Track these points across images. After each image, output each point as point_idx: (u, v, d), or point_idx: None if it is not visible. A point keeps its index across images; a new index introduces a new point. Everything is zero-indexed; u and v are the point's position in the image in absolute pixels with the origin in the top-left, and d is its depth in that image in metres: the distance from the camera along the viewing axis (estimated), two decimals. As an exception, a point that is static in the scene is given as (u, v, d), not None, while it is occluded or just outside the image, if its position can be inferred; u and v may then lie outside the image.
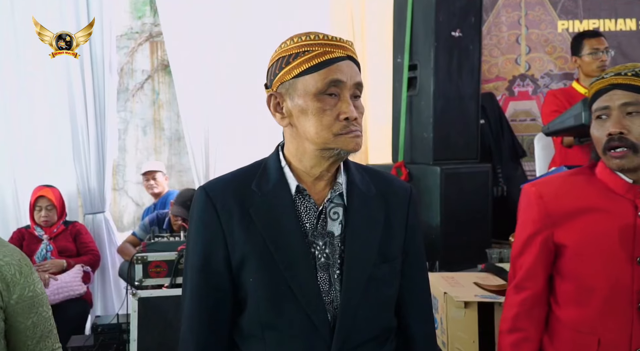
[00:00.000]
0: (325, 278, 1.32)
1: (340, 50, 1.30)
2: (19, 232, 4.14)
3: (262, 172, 1.38)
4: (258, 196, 1.34)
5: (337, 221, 1.35)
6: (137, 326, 2.86)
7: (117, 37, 5.13)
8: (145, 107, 6.25)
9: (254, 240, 1.31)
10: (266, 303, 1.31)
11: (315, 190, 1.36)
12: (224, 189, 1.36)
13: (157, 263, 3.06)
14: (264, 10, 4.69)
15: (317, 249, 1.33)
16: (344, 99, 1.28)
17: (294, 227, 1.32)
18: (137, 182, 6.07)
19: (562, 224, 1.60)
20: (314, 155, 1.32)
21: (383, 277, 1.36)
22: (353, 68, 1.31)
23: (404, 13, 4.08)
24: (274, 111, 1.36)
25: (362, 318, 1.33)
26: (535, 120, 4.87)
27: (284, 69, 1.31)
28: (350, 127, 1.28)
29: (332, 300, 1.32)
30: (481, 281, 2.54)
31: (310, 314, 1.29)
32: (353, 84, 1.30)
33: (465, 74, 4.05)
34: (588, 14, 4.78)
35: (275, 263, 1.30)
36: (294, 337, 1.30)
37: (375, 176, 1.45)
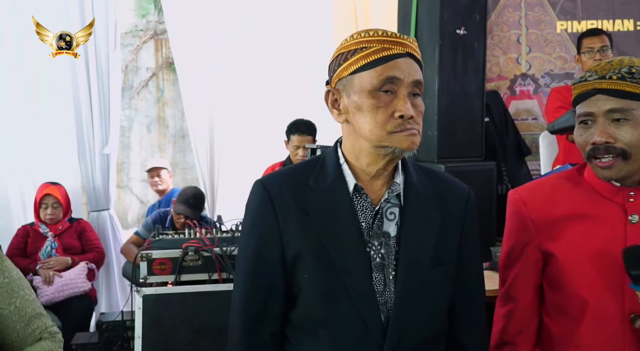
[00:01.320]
0: (380, 279, 1.31)
1: (399, 47, 1.27)
2: (23, 229, 4.15)
3: (320, 168, 1.36)
4: (315, 192, 1.32)
5: (393, 221, 1.34)
6: (142, 324, 2.86)
7: (122, 35, 5.14)
8: (149, 105, 6.26)
9: (310, 237, 1.30)
10: (320, 301, 1.30)
11: (372, 189, 1.34)
12: (282, 183, 1.35)
13: (162, 260, 3.06)
14: (268, 9, 4.68)
15: (372, 249, 1.31)
16: (400, 97, 1.26)
17: (350, 226, 1.30)
18: (141, 179, 6.08)
19: (549, 232, 1.50)
20: (370, 153, 1.31)
21: (437, 280, 1.34)
22: (412, 65, 1.28)
23: (409, 11, 4.07)
24: (332, 107, 1.35)
25: (414, 320, 1.31)
26: (537, 119, 4.88)
27: (342, 65, 1.30)
28: (405, 126, 1.26)
29: (386, 301, 1.30)
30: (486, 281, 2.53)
31: (364, 314, 1.28)
32: (411, 82, 1.27)
33: (470, 72, 4.04)
34: (586, 14, 4.80)
35: (330, 261, 1.29)
36: (346, 336, 1.29)
37: (433, 176, 1.43)
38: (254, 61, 4.63)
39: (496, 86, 4.82)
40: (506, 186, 4.55)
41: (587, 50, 3.60)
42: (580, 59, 3.68)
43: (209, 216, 4.44)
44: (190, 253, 3.04)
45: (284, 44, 4.67)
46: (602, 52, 3.58)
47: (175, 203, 4.14)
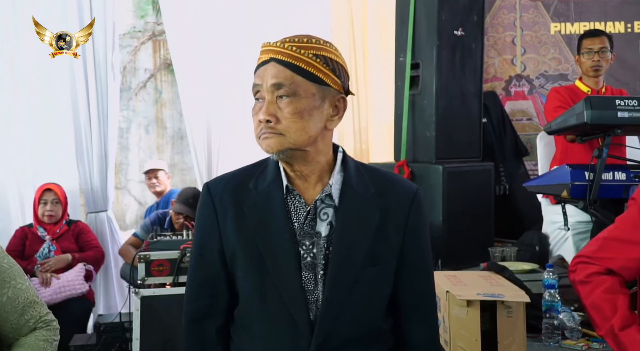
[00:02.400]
0: (310, 278, 1.35)
1: (265, 55, 1.36)
2: (22, 231, 4.14)
3: (261, 171, 1.42)
4: (253, 194, 1.39)
5: (325, 221, 1.37)
6: (140, 325, 2.86)
7: (120, 36, 5.13)
8: (147, 106, 6.25)
9: (245, 238, 1.36)
10: (253, 298, 1.36)
11: (305, 189, 1.38)
12: (225, 186, 1.42)
13: (160, 261, 3.06)
14: (266, 9, 4.69)
15: (303, 248, 1.36)
16: (264, 103, 1.32)
17: (282, 226, 1.35)
18: (139, 181, 6.07)
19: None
20: None
21: (370, 279, 1.36)
22: (271, 70, 1.32)
23: (407, 11, 4.07)
24: None
25: (344, 318, 1.34)
26: (531, 119, 4.95)
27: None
28: (263, 130, 1.31)
29: (316, 299, 1.34)
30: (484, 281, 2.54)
31: (293, 311, 1.33)
32: (270, 86, 1.31)
33: (467, 72, 4.05)
34: (579, 16, 4.88)
35: (262, 260, 1.34)
36: (277, 333, 1.35)
37: (377, 176, 1.43)
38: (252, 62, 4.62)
39: (491, 87, 4.86)
40: (504, 186, 4.56)
41: (587, 51, 3.61)
42: (579, 60, 3.69)
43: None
44: (188, 254, 3.04)
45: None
46: (601, 53, 3.59)
47: (175, 203, 4.14)
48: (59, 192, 4.10)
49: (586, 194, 2.81)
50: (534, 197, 3.93)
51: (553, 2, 4.90)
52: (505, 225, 4.31)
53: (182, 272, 3.03)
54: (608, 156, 2.82)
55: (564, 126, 3.01)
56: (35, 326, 1.68)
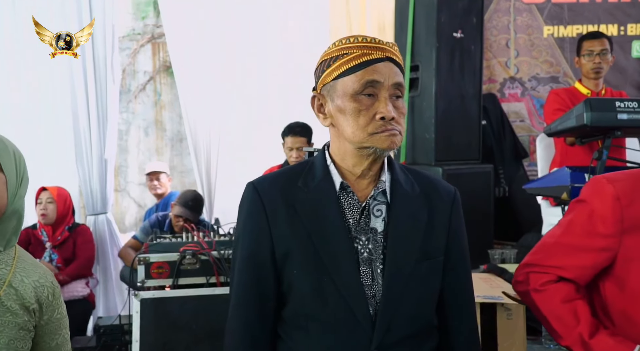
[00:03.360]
0: (368, 273, 1.36)
1: (379, 52, 1.33)
2: (26, 233, 4.10)
3: (308, 170, 1.43)
4: (304, 192, 1.39)
5: (380, 217, 1.39)
6: (140, 327, 2.86)
7: (119, 39, 5.13)
8: (147, 108, 6.25)
9: (299, 234, 1.36)
10: (310, 295, 1.35)
11: (359, 188, 1.40)
12: (272, 184, 1.41)
13: (160, 263, 3.06)
14: (265, 12, 4.69)
15: (360, 244, 1.36)
16: (381, 99, 1.32)
17: (337, 222, 1.36)
18: (139, 183, 6.07)
19: (635, 234, 1.44)
20: (354, 154, 1.37)
21: (424, 274, 1.39)
22: (392, 69, 1.34)
23: (406, 14, 4.08)
24: (317, 111, 1.42)
25: (402, 313, 1.35)
26: (524, 121, 5.00)
27: (326, 71, 1.37)
28: (386, 126, 1.31)
29: (375, 294, 1.35)
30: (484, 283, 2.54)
31: (353, 307, 1.33)
32: (391, 84, 1.33)
33: (467, 74, 4.06)
34: (573, 20, 4.93)
35: (319, 257, 1.34)
36: (336, 328, 1.34)
37: (419, 176, 1.48)
38: (251, 64, 4.63)
39: (487, 89, 4.89)
40: (503, 188, 4.57)
41: (587, 53, 3.61)
42: (579, 62, 3.69)
43: (206, 219, 4.43)
44: (188, 257, 3.03)
45: (281, 48, 4.67)
46: (602, 55, 3.59)
47: (175, 206, 4.13)
48: (54, 192, 4.08)
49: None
50: (534, 199, 3.93)
51: (547, 5, 4.94)
52: (505, 227, 4.32)
53: (182, 274, 3.03)
54: (608, 158, 2.82)
55: (564, 128, 3.01)
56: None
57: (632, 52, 4.86)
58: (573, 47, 4.79)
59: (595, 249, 1.48)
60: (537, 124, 4.98)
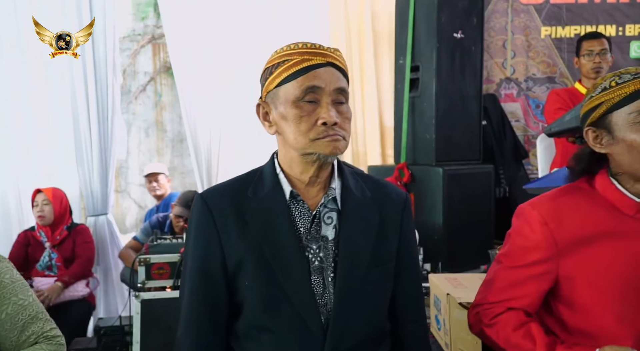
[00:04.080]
0: (319, 281, 1.35)
1: (320, 57, 1.33)
2: (24, 235, 4.11)
3: (258, 179, 1.42)
4: (254, 201, 1.37)
5: (330, 225, 1.38)
6: (140, 328, 2.86)
7: (120, 39, 5.13)
8: (147, 109, 6.25)
9: (250, 244, 1.34)
10: (262, 306, 1.34)
11: (309, 195, 1.39)
12: (221, 195, 1.40)
13: (160, 264, 3.06)
14: (265, 13, 4.69)
15: (311, 253, 1.36)
16: (323, 105, 1.31)
17: (288, 231, 1.35)
18: (139, 184, 6.07)
19: (570, 253, 1.45)
20: (299, 161, 1.36)
21: (376, 280, 1.39)
22: (334, 74, 1.33)
23: (406, 14, 4.08)
24: (263, 119, 1.42)
25: (355, 320, 1.35)
26: (519, 121, 5.01)
27: (268, 79, 1.37)
28: (328, 132, 1.30)
29: (326, 303, 1.34)
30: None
31: (304, 316, 1.32)
32: (333, 90, 1.32)
33: (467, 75, 4.06)
34: (571, 20, 4.94)
35: (270, 267, 1.33)
36: (289, 339, 1.33)
37: (370, 181, 1.47)
38: (251, 65, 4.63)
39: (484, 90, 4.91)
40: (504, 188, 4.57)
41: (587, 53, 3.62)
42: (579, 62, 3.70)
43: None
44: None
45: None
46: (601, 55, 3.60)
47: (175, 207, 4.13)
48: (49, 194, 4.08)
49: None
50: (534, 199, 3.93)
51: (545, 6, 4.94)
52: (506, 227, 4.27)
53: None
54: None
55: (564, 128, 3.00)
56: (36, 341, 1.64)
57: (631, 53, 4.87)
58: (570, 47, 4.81)
59: (535, 275, 1.49)
60: (532, 124, 4.99)
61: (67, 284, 3.91)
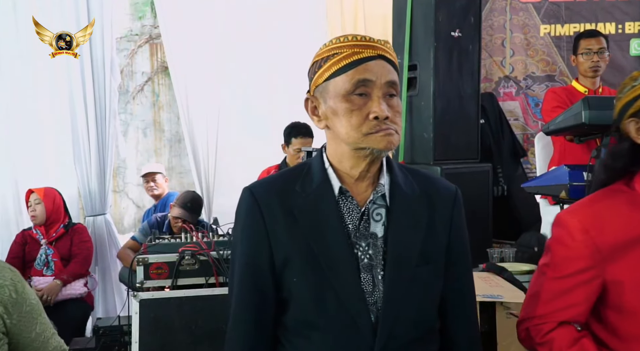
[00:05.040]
0: (368, 279, 1.33)
1: (370, 50, 1.30)
2: (22, 235, 4.12)
3: (306, 173, 1.39)
4: (302, 197, 1.35)
5: (379, 222, 1.36)
6: (139, 328, 2.85)
7: (117, 39, 5.13)
8: (145, 109, 6.25)
9: (298, 240, 1.32)
10: (310, 303, 1.32)
11: (357, 191, 1.37)
12: (269, 189, 1.37)
13: (158, 264, 3.05)
14: (262, 12, 4.69)
15: (360, 250, 1.33)
16: (374, 98, 1.29)
17: (337, 228, 1.33)
18: (137, 184, 6.07)
19: (615, 258, 1.42)
20: (350, 156, 1.34)
21: (425, 278, 1.36)
22: (385, 67, 1.31)
23: (404, 13, 4.08)
24: (312, 114, 1.39)
25: (404, 318, 1.33)
26: (518, 119, 5.01)
27: (317, 73, 1.34)
28: (380, 126, 1.28)
29: (376, 301, 1.32)
30: (483, 282, 2.54)
31: (353, 315, 1.30)
32: (384, 83, 1.30)
33: (465, 74, 4.05)
34: (570, 18, 4.94)
35: (318, 264, 1.31)
36: (337, 337, 1.31)
37: (419, 176, 1.44)
38: (248, 65, 4.63)
39: (482, 88, 4.91)
40: (502, 187, 4.57)
41: (585, 52, 3.61)
42: (576, 60, 3.69)
43: (205, 220, 4.43)
44: (187, 257, 3.03)
45: (279, 48, 4.67)
46: (599, 54, 3.59)
47: (173, 207, 4.13)
48: (40, 193, 4.09)
49: (584, 195, 2.80)
50: (533, 198, 3.93)
51: (544, 4, 4.94)
52: (504, 226, 4.32)
53: (181, 275, 3.02)
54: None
55: (562, 127, 3.01)
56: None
57: (630, 50, 4.86)
58: (570, 45, 4.78)
59: (581, 283, 1.46)
60: (531, 123, 4.99)
61: (65, 282, 3.91)
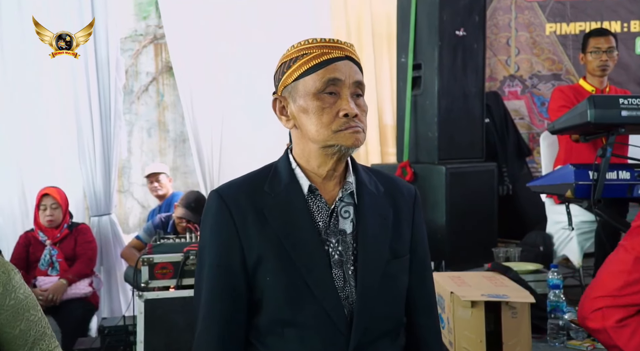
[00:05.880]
0: (339, 275, 1.36)
1: (338, 51, 1.35)
2: (25, 237, 4.11)
3: (273, 174, 1.42)
4: (271, 197, 1.37)
5: (348, 219, 1.39)
6: (144, 328, 2.86)
7: (122, 40, 5.13)
8: (150, 109, 6.25)
9: (270, 240, 1.34)
10: (284, 301, 1.34)
11: (325, 190, 1.40)
12: (237, 191, 1.39)
13: (163, 264, 3.06)
14: (266, 11, 4.69)
15: (330, 246, 1.37)
16: (343, 97, 1.33)
17: (307, 225, 1.36)
18: (142, 184, 6.07)
19: None
20: (318, 154, 1.37)
21: (394, 273, 1.40)
22: (352, 67, 1.36)
23: (408, 12, 4.07)
24: (280, 114, 1.42)
25: (377, 313, 1.36)
26: (524, 119, 5.02)
27: (286, 73, 1.38)
28: (349, 124, 1.32)
29: (347, 296, 1.35)
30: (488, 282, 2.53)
31: (328, 310, 1.33)
32: (352, 83, 1.34)
33: (469, 72, 4.05)
34: (575, 17, 4.93)
35: (291, 261, 1.33)
36: (313, 333, 1.33)
37: (380, 176, 1.49)
38: (252, 64, 4.63)
39: (487, 87, 4.91)
40: (507, 186, 4.56)
41: (594, 51, 3.59)
42: (585, 58, 3.67)
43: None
44: (192, 257, 3.04)
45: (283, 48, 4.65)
46: (608, 52, 3.57)
47: (177, 208, 4.13)
48: (57, 197, 4.07)
49: (590, 194, 2.79)
50: (538, 197, 3.92)
51: (549, 2, 4.93)
52: (509, 225, 4.31)
53: (186, 275, 3.03)
54: (612, 155, 2.81)
55: (568, 126, 3.00)
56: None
57: (636, 49, 4.85)
58: (575, 44, 4.78)
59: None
60: (537, 122, 4.98)
61: (70, 281, 3.92)
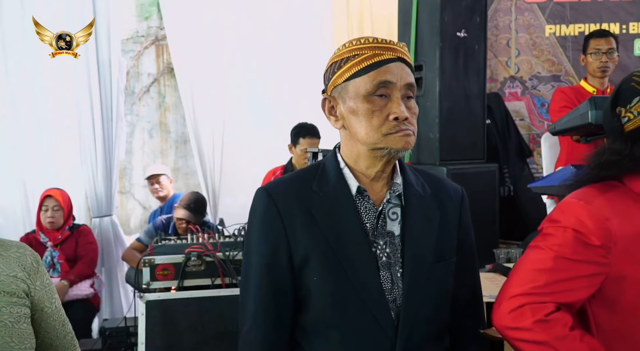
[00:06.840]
0: (387, 277, 1.35)
1: (390, 52, 1.32)
2: (26, 238, 4.11)
3: (321, 173, 1.40)
4: (319, 196, 1.36)
5: (396, 221, 1.38)
6: (145, 329, 2.86)
7: (123, 41, 5.14)
8: (151, 111, 6.25)
9: (317, 240, 1.33)
10: (330, 302, 1.33)
11: (373, 191, 1.39)
12: (285, 189, 1.38)
13: (165, 265, 3.06)
14: (267, 13, 4.69)
15: (378, 248, 1.35)
16: (394, 100, 1.31)
17: (356, 227, 1.34)
18: (143, 185, 6.07)
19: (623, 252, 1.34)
20: (367, 156, 1.35)
21: (440, 276, 1.39)
22: (404, 69, 1.34)
23: (409, 14, 4.07)
24: (328, 114, 1.40)
25: (422, 315, 1.35)
26: (524, 119, 5.01)
27: (336, 73, 1.35)
28: (400, 127, 1.30)
29: (395, 298, 1.34)
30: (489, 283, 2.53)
31: (375, 312, 1.32)
32: (403, 85, 1.32)
33: (471, 74, 4.04)
34: (575, 18, 4.93)
35: (338, 262, 1.32)
36: (358, 335, 1.32)
37: (428, 176, 1.48)
38: (254, 65, 4.63)
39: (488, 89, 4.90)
40: (508, 187, 4.55)
41: (595, 52, 3.59)
42: (586, 60, 3.67)
43: (211, 221, 4.43)
44: (193, 258, 3.04)
45: (284, 49, 4.67)
46: (609, 54, 3.58)
47: (177, 209, 4.13)
48: (60, 198, 4.07)
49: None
50: (539, 198, 3.92)
51: (549, 4, 4.94)
52: (510, 226, 4.30)
53: (187, 276, 3.03)
54: (613, 156, 2.79)
55: (569, 127, 2.99)
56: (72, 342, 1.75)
57: (635, 51, 4.85)
58: (575, 45, 4.79)
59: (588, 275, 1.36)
60: (537, 123, 4.98)
61: (72, 283, 3.92)
